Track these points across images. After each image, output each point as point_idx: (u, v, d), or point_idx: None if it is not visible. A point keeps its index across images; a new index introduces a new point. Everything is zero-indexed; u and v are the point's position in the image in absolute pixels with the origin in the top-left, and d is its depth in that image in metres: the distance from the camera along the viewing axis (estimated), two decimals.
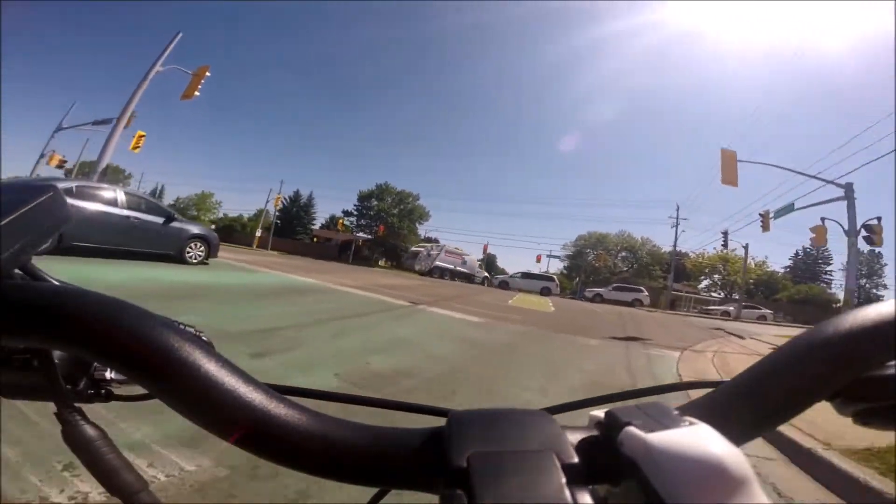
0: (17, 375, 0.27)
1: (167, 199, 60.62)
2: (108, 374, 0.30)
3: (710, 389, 0.26)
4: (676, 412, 0.20)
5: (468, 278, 30.85)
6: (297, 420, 0.21)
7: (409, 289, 12.27)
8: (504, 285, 29.33)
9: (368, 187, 46.45)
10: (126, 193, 8.17)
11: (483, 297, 14.35)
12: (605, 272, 48.59)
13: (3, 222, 0.22)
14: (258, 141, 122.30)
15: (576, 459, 0.19)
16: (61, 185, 6.94)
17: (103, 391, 0.30)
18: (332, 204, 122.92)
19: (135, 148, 17.52)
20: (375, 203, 45.16)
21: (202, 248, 9.29)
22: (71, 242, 6.99)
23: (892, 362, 0.23)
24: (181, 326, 0.27)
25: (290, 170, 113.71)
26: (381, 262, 39.33)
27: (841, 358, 0.23)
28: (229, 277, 8.17)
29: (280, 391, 0.24)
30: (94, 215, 7.34)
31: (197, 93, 15.72)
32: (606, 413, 0.21)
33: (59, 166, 18.83)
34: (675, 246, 37.67)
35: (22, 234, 0.23)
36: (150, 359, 0.20)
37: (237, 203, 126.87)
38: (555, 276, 33.37)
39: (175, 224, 8.72)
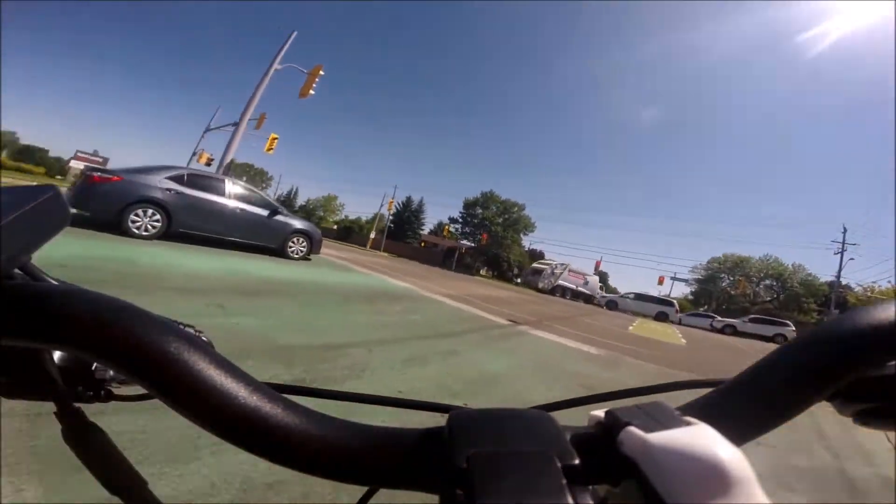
0: (17, 375, 0.27)
1: (300, 201, 67.79)
2: (108, 374, 0.30)
3: (710, 389, 0.26)
4: (677, 412, 0.20)
5: (588, 299, 29.90)
6: (296, 420, 0.21)
7: (509, 303, 11.13)
8: (612, 305, 26.65)
9: (474, 195, 46.29)
10: (235, 184, 8.25)
11: (595, 319, 12.58)
12: (742, 301, 41.83)
13: (3, 223, 0.21)
14: (379, 148, 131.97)
15: (576, 460, 0.19)
16: (172, 173, 7.26)
17: (103, 391, 0.31)
18: (440, 210, 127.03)
19: (269, 150, 19.15)
20: (480, 211, 44.74)
21: (304, 244, 9.20)
22: (178, 229, 7.21)
23: (893, 362, 0.23)
24: (181, 326, 0.28)
25: (403, 175, 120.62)
26: (482, 272, 38.69)
27: (841, 358, 0.23)
28: (325, 276, 7.88)
29: (280, 390, 0.24)
30: (201, 203, 7.45)
31: (312, 91, 16.55)
32: (606, 413, 0.21)
33: (207, 164, 21.44)
34: (838, 276, 31.12)
35: (22, 234, 0.23)
36: (149, 359, 0.20)
37: (357, 205, 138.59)
38: (674, 301, 29.39)
39: (279, 217, 8.68)
